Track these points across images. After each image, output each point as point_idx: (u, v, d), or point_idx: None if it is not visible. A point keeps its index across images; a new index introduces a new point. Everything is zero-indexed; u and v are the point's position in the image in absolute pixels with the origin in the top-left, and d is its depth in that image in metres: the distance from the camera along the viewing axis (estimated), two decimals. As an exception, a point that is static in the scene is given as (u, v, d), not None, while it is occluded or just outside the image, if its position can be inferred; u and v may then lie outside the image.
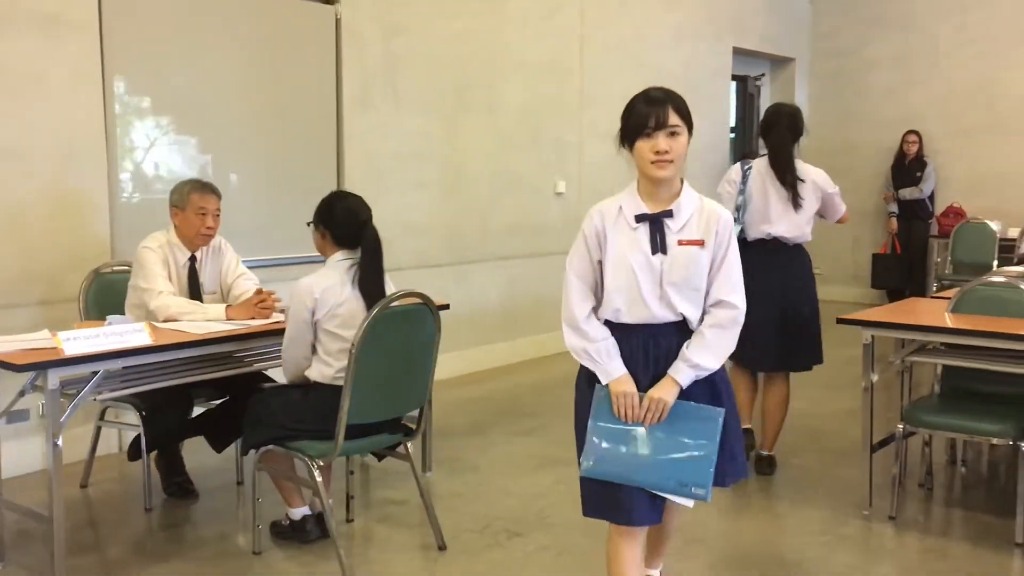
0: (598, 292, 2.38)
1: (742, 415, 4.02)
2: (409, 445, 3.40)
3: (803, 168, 4.14)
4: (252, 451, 3.29)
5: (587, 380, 2.43)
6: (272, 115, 5.11)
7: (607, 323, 2.38)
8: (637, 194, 2.38)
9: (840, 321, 3.75)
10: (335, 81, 5.43)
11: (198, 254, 3.83)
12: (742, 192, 4.08)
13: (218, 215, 3.80)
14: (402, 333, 3.14)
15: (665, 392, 2.31)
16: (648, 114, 2.27)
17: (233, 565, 3.29)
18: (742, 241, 3.96)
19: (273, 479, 3.42)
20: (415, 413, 3.40)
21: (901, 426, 3.69)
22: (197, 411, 3.82)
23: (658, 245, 2.32)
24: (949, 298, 3.88)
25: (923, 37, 9.03)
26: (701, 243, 2.33)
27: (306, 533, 3.43)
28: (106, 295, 3.97)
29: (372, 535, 3.58)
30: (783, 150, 4.10)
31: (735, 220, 3.42)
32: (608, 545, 2.45)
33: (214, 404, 3.86)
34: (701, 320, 2.37)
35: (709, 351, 2.33)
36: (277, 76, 5.12)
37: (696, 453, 2.29)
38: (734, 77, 9.00)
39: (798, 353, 4.15)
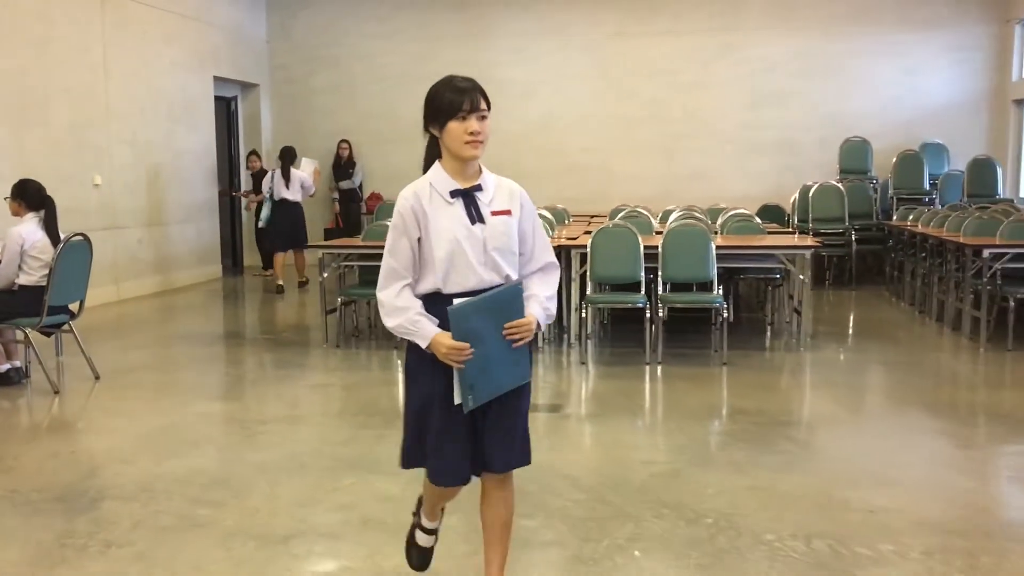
0: (415, 269, 2.52)
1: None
2: (72, 323, 5.95)
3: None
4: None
5: (417, 355, 2.54)
6: None
7: (427, 297, 2.52)
8: (445, 173, 2.53)
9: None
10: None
11: None
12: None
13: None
14: (75, 252, 5.72)
15: (532, 320, 2.51)
16: (462, 99, 2.45)
17: (-32, 401, 5.56)
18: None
19: (-11, 347, 5.72)
20: (76, 305, 5.96)
21: (340, 298, 7.20)
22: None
23: (475, 216, 2.51)
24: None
25: (347, 73, 12.89)
26: (509, 212, 2.56)
27: (10, 379, 5.80)
28: None
29: (62, 372, 5.99)
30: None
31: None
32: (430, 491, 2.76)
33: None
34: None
35: (551, 299, 2.61)
36: None
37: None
38: (217, 98, 11.95)
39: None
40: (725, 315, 6.61)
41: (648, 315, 6.56)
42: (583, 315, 6.75)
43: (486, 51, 12.42)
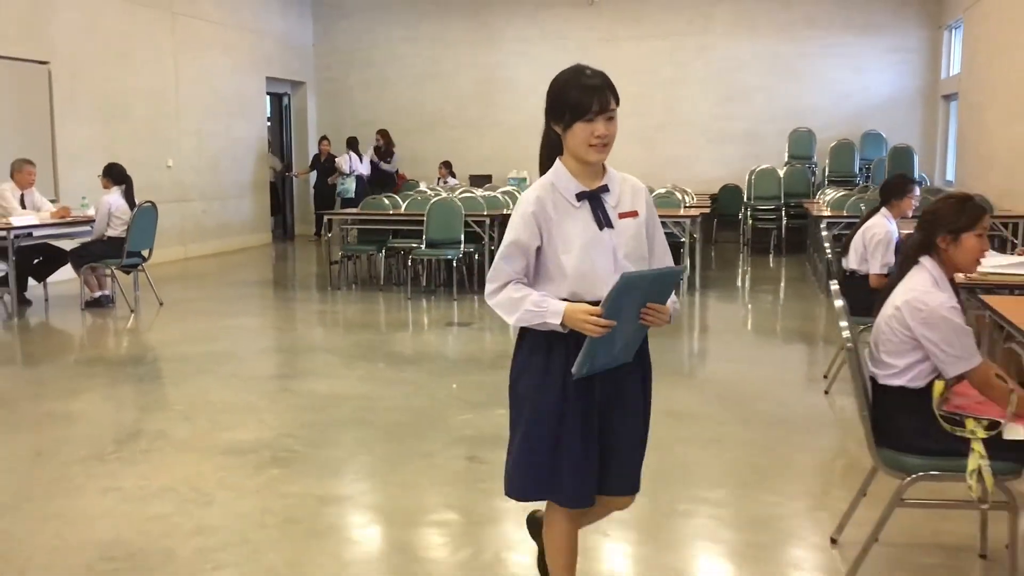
0: (529, 277, 2.35)
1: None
2: (144, 265, 8.38)
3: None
4: (80, 268, 8.06)
5: (530, 352, 2.40)
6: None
7: None
8: (568, 173, 2.35)
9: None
10: None
11: (25, 194, 8.34)
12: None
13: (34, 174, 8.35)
14: (146, 214, 8.14)
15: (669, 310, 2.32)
16: (591, 100, 2.26)
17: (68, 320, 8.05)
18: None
19: (86, 280, 8.19)
20: (147, 252, 8.39)
21: (341, 253, 9.50)
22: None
23: (603, 220, 2.33)
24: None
25: (379, 72, 15.20)
26: (636, 214, 2.38)
27: (101, 303, 8.27)
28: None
29: (137, 300, 8.44)
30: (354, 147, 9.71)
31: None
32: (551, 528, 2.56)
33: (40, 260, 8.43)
34: None
35: (675, 301, 2.38)
36: None
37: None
38: (270, 94, 14.40)
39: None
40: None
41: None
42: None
43: (494, 53, 14.58)
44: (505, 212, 9.45)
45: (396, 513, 3.69)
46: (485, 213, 9.23)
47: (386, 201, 10.11)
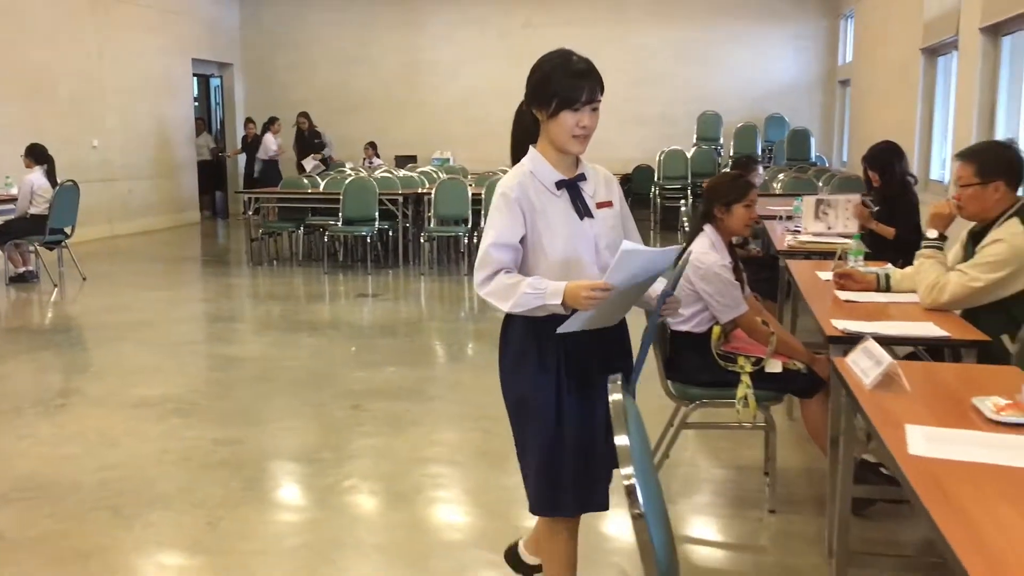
0: (515, 267, 2.24)
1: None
2: (67, 242, 8.74)
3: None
4: (3, 245, 8.40)
5: (523, 337, 2.30)
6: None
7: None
8: (545, 161, 2.29)
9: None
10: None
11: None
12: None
13: None
14: (68, 192, 8.50)
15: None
16: (580, 89, 2.19)
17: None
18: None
19: (9, 256, 8.52)
20: (68, 230, 8.75)
21: (260, 231, 9.94)
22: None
23: (583, 210, 2.27)
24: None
25: (307, 54, 15.52)
26: (611, 204, 2.33)
27: (25, 279, 8.62)
28: None
29: (61, 276, 8.78)
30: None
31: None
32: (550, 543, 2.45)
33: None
34: None
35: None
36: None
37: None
38: (198, 75, 14.67)
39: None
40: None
41: (466, 242, 9.29)
42: (423, 241, 9.50)
43: (418, 36, 15.02)
44: (420, 191, 9.98)
45: (280, 450, 4.23)
46: (400, 191, 9.74)
47: (305, 181, 10.56)
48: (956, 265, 3.16)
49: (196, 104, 14.98)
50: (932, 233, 3.24)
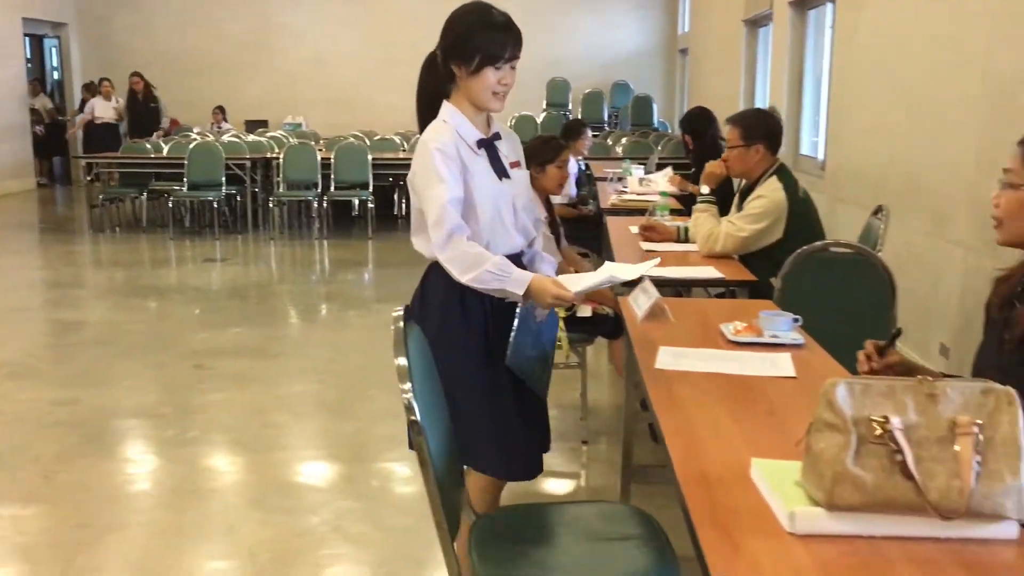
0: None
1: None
2: None
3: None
4: None
5: (444, 309, 2.18)
6: None
7: None
8: (465, 118, 2.18)
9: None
10: None
11: None
12: None
13: None
14: None
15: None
16: (505, 44, 2.12)
17: None
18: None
19: None
20: None
21: (100, 196, 9.67)
22: None
23: (500, 170, 2.19)
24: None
25: (147, 13, 14.97)
26: (519, 164, 2.29)
27: None
28: None
29: None
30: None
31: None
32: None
33: None
34: None
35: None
36: None
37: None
38: (29, 36, 13.94)
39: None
40: (371, 207, 9.39)
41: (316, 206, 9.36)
42: (272, 206, 9.51)
43: (267, -1, 14.76)
44: (268, 155, 9.93)
45: (119, 408, 4.31)
46: (248, 156, 9.67)
47: (147, 145, 10.31)
48: (727, 217, 3.59)
49: (29, 66, 14.25)
50: (705, 189, 3.66)
